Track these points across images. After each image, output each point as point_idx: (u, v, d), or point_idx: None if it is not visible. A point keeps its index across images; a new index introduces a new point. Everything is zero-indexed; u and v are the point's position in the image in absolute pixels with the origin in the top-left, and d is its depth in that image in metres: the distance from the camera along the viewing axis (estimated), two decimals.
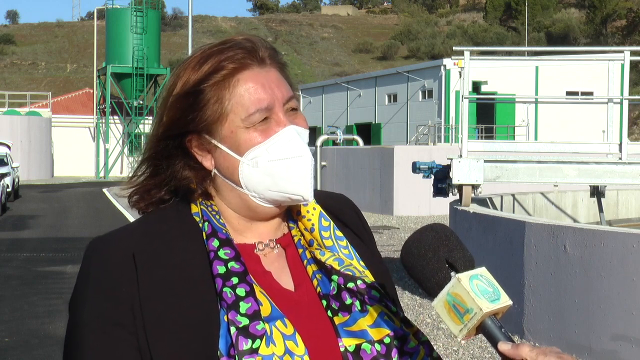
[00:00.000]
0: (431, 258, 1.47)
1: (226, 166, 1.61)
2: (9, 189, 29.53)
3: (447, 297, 1.42)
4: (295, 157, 1.59)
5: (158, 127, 1.64)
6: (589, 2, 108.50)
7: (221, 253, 1.54)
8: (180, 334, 1.50)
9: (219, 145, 1.60)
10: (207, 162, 1.62)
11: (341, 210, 1.76)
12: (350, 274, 1.62)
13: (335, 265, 1.63)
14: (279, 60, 1.66)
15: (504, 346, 1.40)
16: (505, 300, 1.42)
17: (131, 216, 24.22)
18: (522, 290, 8.59)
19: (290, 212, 1.71)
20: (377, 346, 1.57)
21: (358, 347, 1.56)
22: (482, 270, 1.44)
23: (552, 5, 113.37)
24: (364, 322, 1.58)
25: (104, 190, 38.71)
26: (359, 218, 1.80)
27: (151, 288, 1.52)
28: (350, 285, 1.61)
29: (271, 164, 1.58)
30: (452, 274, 1.44)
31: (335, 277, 1.62)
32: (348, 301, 1.60)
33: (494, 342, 1.42)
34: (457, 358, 8.18)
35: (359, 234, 1.76)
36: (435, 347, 9.23)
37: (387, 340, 1.58)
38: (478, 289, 1.41)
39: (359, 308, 1.60)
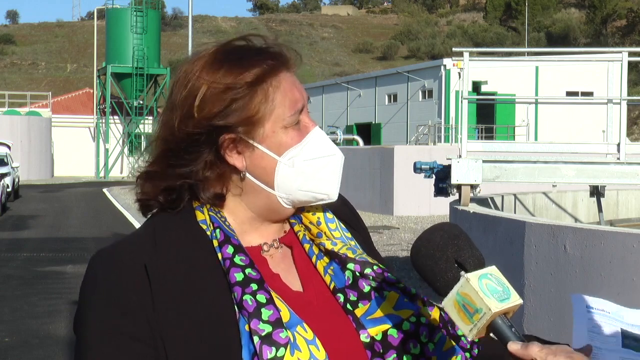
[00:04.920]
0: (440, 258, 1.47)
1: (262, 166, 1.59)
2: (9, 189, 29.53)
3: (456, 297, 1.42)
4: (328, 155, 1.62)
5: (186, 120, 1.57)
6: (589, 2, 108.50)
7: (237, 260, 1.52)
8: (200, 346, 1.47)
9: (258, 145, 1.59)
10: (240, 164, 1.59)
11: (336, 206, 1.75)
12: (365, 260, 1.63)
13: (350, 254, 1.63)
14: (299, 65, 1.68)
15: (514, 346, 1.40)
16: (515, 299, 1.42)
17: (131, 216, 24.21)
18: (522, 290, 8.59)
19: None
20: (406, 325, 1.58)
21: (385, 334, 1.57)
22: (492, 269, 1.43)
23: (552, 5, 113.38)
24: (386, 307, 1.59)
25: (104, 190, 38.71)
26: (353, 215, 1.80)
27: (166, 300, 1.49)
28: (368, 271, 1.61)
29: (306, 164, 1.60)
30: (462, 273, 1.44)
31: (351, 265, 1.62)
32: (366, 289, 1.60)
33: (504, 342, 1.41)
34: None
35: (357, 230, 1.76)
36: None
37: (413, 319, 1.59)
38: (487, 289, 1.40)
39: (378, 294, 1.60)
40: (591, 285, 7.87)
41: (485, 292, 1.40)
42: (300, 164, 1.59)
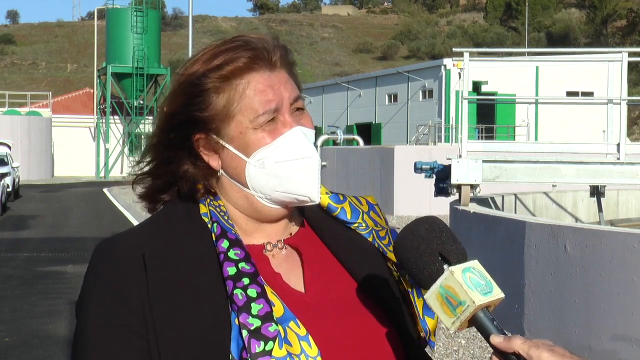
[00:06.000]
0: (424, 250, 1.46)
1: (233, 167, 1.59)
2: (9, 189, 29.53)
3: (439, 290, 1.42)
4: (302, 158, 1.58)
5: (161, 116, 1.62)
6: (589, 2, 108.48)
7: (231, 254, 1.52)
8: (190, 338, 1.48)
9: (227, 145, 1.59)
10: (214, 162, 1.61)
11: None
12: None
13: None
14: (289, 61, 1.65)
15: (496, 339, 1.41)
16: (497, 293, 1.42)
17: (131, 216, 24.23)
18: (522, 290, 8.59)
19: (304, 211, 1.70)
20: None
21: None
22: (475, 263, 1.44)
23: (552, 5, 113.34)
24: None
25: (104, 190, 38.71)
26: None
27: (161, 291, 1.50)
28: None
29: (278, 165, 1.57)
30: (445, 266, 1.44)
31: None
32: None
33: (486, 335, 1.42)
34: (458, 358, 8.19)
35: None
36: (435, 347, 9.20)
37: None
38: (471, 282, 1.41)
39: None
40: (591, 285, 7.87)
41: (469, 285, 1.41)
42: (272, 166, 1.57)
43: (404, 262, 1.49)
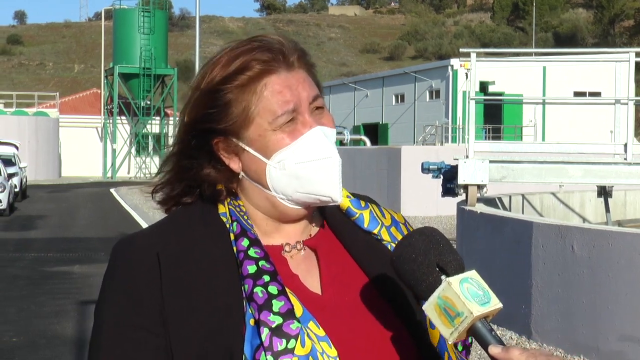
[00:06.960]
0: (422, 262, 1.46)
1: (253, 169, 1.59)
2: (17, 189, 29.59)
3: (437, 301, 1.42)
4: (322, 158, 1.58)
5: (181, 125, 1.62)
6: (596, 2, 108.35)
7: (251, 252, 1.52)
8: (202, 339, 1.48)
9: (247, 148, 1.58)
10: (235, 165, 1.60)
11: None
12: None
13: None
14: (307, 62, 1.64)
15: (495, 349, 1.41)
16: (495, 303, 1.43)
17: (138, 216, 24.26)
18: (530, 291, 8.58)
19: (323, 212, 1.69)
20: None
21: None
22: (472, 274, 1.45)
23: (559, 5, 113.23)
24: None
25: (112, 190, 38.77)
26: None
27: (174, 290, 1.51)
28: None
29: (298, 166, 1.56)
30: (443, 277, 1.44)
31: None
32: None
33: (484, 345, 1.43)
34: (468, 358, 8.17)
35: None
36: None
37: None
38: (468, 293, 1.41)
39: None
40: (599, 286, 7.86)
41: (467, 295, 1.41)
42: (292, 167, 1.56)
43: (402, 273, 1.49)
